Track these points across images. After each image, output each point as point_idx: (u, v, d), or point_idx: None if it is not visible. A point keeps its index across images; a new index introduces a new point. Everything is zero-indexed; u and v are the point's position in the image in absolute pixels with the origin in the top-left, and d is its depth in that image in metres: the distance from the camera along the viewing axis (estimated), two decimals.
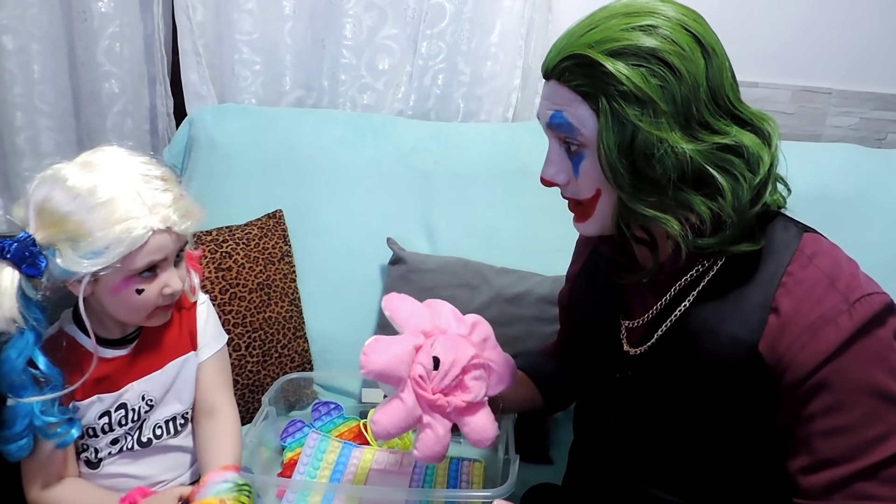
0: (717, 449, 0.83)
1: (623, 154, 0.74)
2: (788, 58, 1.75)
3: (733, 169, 0.75)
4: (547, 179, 0.84)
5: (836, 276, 0.75)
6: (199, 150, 1.62)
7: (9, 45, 1.63)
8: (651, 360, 0.87)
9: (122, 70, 1.71)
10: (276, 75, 1.76)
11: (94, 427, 0.95)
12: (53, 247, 0.83)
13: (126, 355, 0.97)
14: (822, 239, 0.80)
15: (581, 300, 1.05)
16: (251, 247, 1.46)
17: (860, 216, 1.51)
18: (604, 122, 0.74)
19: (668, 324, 0.85)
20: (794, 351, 0.73)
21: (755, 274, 0.79)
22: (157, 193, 0.87)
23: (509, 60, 1.73)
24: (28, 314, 0.83)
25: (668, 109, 0.73)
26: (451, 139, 1.62)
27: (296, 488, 1.07)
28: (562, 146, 0.81)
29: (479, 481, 1.15)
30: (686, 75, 0.73)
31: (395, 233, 1.55)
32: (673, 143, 0.73)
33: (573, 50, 0.76)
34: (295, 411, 1.36)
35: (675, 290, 0.84)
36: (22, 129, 1.69)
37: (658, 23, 0.74)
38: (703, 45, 0.74)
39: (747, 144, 0.75)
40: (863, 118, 1.80)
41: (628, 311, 0.92)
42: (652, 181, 0.75)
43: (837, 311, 0.72)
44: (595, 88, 0.74)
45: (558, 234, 1.54)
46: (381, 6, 1.71)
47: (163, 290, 0.91)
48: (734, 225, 0.76)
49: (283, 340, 1.47)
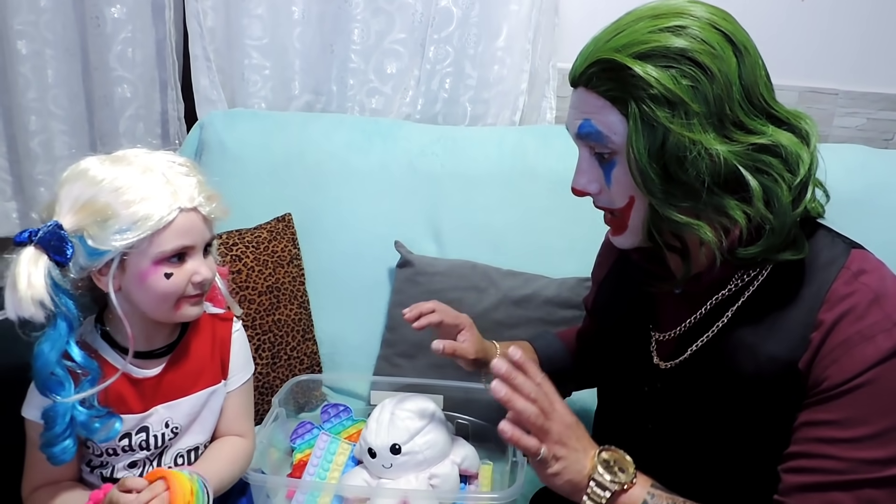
0: (744, 462, 0.81)
1: (654, 158, 0.72)
2: (795, 59, 1.75)
3: (771, 170, 0.72)
4: (579, 189, 0.82)
5: (883, 293, 0.72)
6: (210, 153, 1.64)
7: (23, 50, 1.65)
8: (683, 375, 0.85)
9: (134, 75, 1.74)
10: (285, 80, 1.78)
11: (115, 447, 0.91)
12: (81, 231, 0.81)
13: (153, 377, 0.93)
14: (869, 255, 0.77)
15: (607, 307, 1.03)
16: (260, 250, 1.47)
17: (867, 217, 1.50)
18: (633, 127, 0.73)
19: (703, 340, 0.82)
20: (826, 363, 0.71)
21: (798, 291, 0.75)
22: (181, 176, 0.86)
23: (516, 64, 1.74)
24: (59, 300, 0.80)
25: (701, 110, 0.71)
26: (459, 143, 1.63)
27: (306, 489, 1.09)
28: (592, 155, 0.80)
29: (488, 483, 1.15)
30: (718, 74, 0.71)
31: (403, 236, 1.57)
32: (706, 144, 0.71)
33: (600, 55, 0.74)
34: (304, 413, 1.37)
35: (711, 304, 0.82)
36: (36, 133, 1.72)
37: (687, 23, 0.72)
38: (734, 43, 0.72)
39: (785, 144, 0.72)
40: (870, 119, 1.80)
41: (658, 322, 0.90)
42: (684, 185, 0.73)
43: (878, 329, 0.70)
44: (624, 92, 0.73)
45: (565, 236, 1.56)
46: (389, 11, 1.72)
47: (192, 277, 0.87)
48: (775, 230, 0.73)
49: (293, 343, 1.48)
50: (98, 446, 0.90)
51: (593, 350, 1.10)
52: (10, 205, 1.81)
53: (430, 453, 1.05)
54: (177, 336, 0.96)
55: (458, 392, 1.21)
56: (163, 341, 0.95)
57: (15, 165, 1.77)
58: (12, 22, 1.63)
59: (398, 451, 1.03)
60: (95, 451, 0.91)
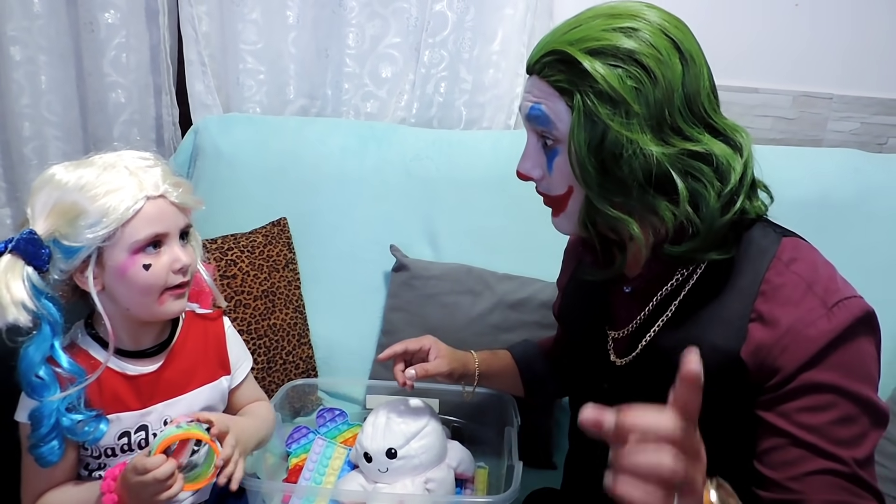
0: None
1: (592, 152, 0.76)
2: (789, 63, 1.76)
3: (702, 176, 0.75)
4: (522, 173, 0.86)
5: (814, 280, 0.75)
6: (205, 158, 1.64)
7: (17, 56, 1.65)
8: (635, 371, 0.88)
9: (128, 80, 1.73)
10: (280, 84, 1.78)
11: (114, 447, 0.92)
12: (54, 234, 0.83)
13: (150, 374, 0.94)
14: (800, 243, 0.80)
15: (570, 311, 1.06)
16: (256, 254, 1.47)
17: (861, 221, 1.52)
18: (577, 119, 0.76)
19: (650, 335, 0.85)
20: (774, 355, 0.74)
21: (733, 282, 0.79)
22: (145, 168, 0.88)
23: (511, 68, 1.74)
24: (39, 304, 0.82)
25: (641, 111, 0.74)
26: (454, 147, 1.63)
27: (302, 494, 1.09)
28: (539, 141, 0.83)
29: (483, 487, 1.15)
30: (662, 80, 0.74)
31: (399, 240, 1.57)
32: (643, 144, 0.74)
33: (554, 46, 0.77)
34: (300, 417, 1.37)
35: (656, 300, 0.85)
36: (30, 140, 1.72)
37: (639, 26, 0.75)
38: (681, 51, 0.75)
39: (717, 153, 0.75)
40: (864, 123, 1.81)
41: (614, 321, 0.93)
42: (619, 181, 0.76)
43: (816, 315, 0.73)
44: (571, 84, 0.76)
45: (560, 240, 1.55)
46: (384, 15, 1.72)
47: (172, 264, 0.88)
48: (701, 233, 0.76)
49: (288, 347, 1.48)
50: (97, 447, 0.91)
51: (564, 355, 1.13)
52: (5, 211, 1.81)
53: (426, 457, 1.05)
54: (167, 335, 0.97)
55: (454, 396, 1.22)
56: (152, 341, 0.95)
57: (9, 171, 1.76)
58: (6, 28, 1.63)
59: (394, 456, 1.03)
60: (94, 454, 0.91)
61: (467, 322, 1.43)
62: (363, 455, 1.05)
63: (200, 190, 1.63)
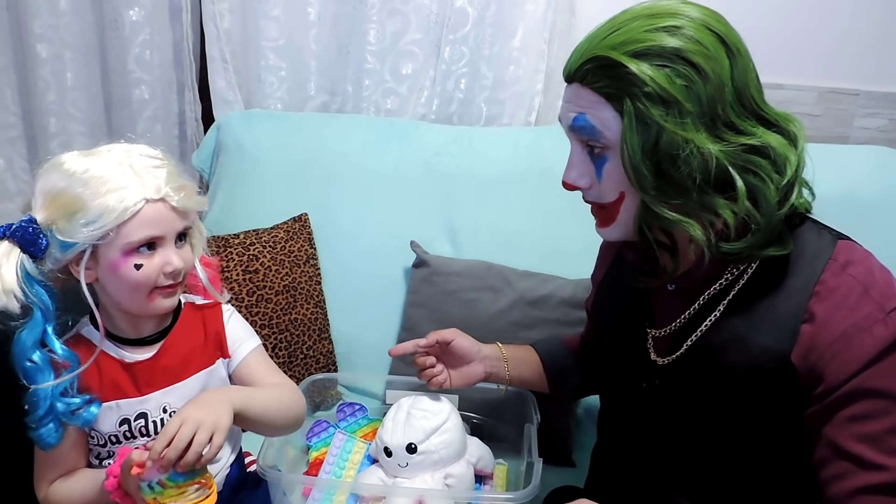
0: (745, 457, 0.82)
1: (647, 155, 0.74)
2: (814, 59, 1.73)
3: (760, 171, 0.74)
4: (569, 183, 0.83)
5: (871, 284, 0.73)
6: (227, 154, 1.65)
7: (43, 53, 1.68)
8: (679, 371, 0.86)
9: (151, 77, 1.75)
10: (301, 81, 1.79)
11: (117, 434, 0.93)
12: (52, 224, 0.84)
13: (147, 361, 0.94)
14: (856, 246, 0.78)
15: (605, 307, 1.04)
16: (277, 250, 1.48)
17: (888, 220, 1.49)
18: (628, 124, 0.74)
19: (697, 334, 0.83)
20: (826, 359, 0.72)
21: (787, 282, 0.77)
22: (150, 168, 0.88)
23: (532, 64, 1.73)
24: (30, 291, 0.83)
25: (694, 110, 0.72)
26: (474, 143, 1.63)
27: (322, 487, 1.09)
28: (584, 149, 0.81)
29: (503, 484, 1.15)
30: (711, 75, 0.72)
31: (419, 236, 1.57)
32: (699, 143, 0.72)
33: (596, 52, 0.76)
34: (320, 412, 1.38)
35: (703, 299, 0.83)
36: (55, 135, 1.74)
37: (682, 23, 0.73)
38: (727, 44, 0.74)
39: (774, 145, 0.74)
40: (892, 119, 1.77)
41: (654, 320, 0.91)
42: (676, 183, 0.74)
43: (872, 320, 0.71)
44: (619, 90, 0.74)
45: (581, 237, 1.54)
46: (405, 12, 1.72)
47: (163, 267, 0.88)
48: (761, 228, 0.74)
49: (309, 342, 1.49)
50: (101, 435, 0.93)
51: (595, 352, 1.11)
52: None
53: (446, 453, 1.05)
54: (168, 323, 0.98)
55: (474, 392, 1.21)
56: (153, 328, 0.96)
57: (35, 167, 1.78)
58: (32, 25, 1.65)
59: (414, 451, 1.03)
60: (99, 441, 0.93)
61: (487, 319, 1.43)
62: (383, 450, 1.06)
63: (223, 186, 1.64)
